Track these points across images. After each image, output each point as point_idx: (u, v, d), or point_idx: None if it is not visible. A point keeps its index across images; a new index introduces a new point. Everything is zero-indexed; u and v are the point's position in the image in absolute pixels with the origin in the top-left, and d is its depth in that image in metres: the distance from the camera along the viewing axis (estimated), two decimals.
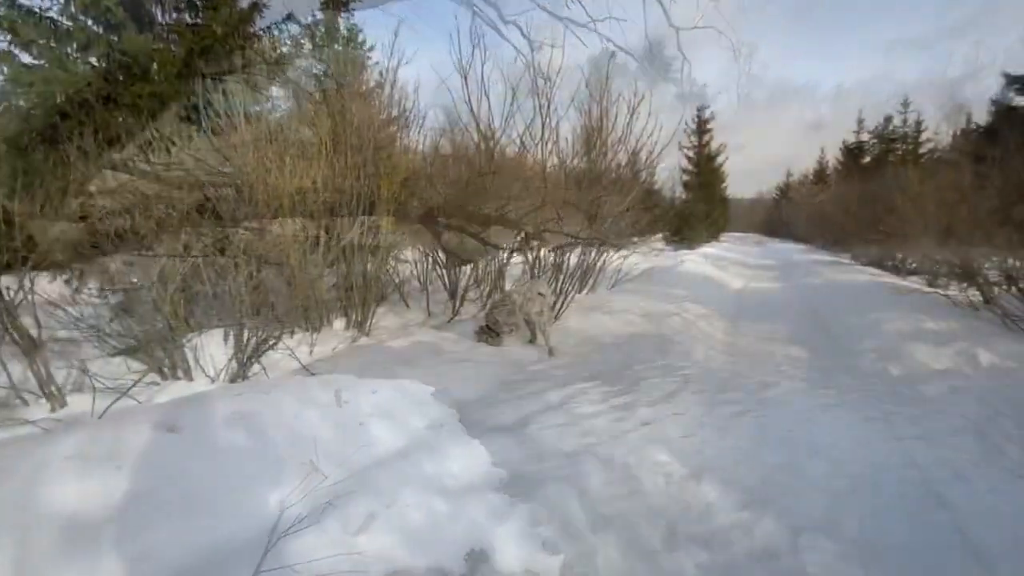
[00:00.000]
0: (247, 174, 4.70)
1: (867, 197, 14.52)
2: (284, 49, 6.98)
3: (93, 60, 6.12)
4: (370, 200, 5.36)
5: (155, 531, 1.67)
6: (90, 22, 6.20)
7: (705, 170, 24.01)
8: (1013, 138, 6.94)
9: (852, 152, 32.32)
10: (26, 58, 5.92)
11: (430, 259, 7.11)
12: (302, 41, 7.48)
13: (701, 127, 24.51)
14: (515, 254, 7.15)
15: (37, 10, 5.81)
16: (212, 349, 4.28)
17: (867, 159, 30.69)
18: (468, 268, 7.30)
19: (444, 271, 7.12)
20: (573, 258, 6.59)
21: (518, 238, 7.08)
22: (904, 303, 6.70)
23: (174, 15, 6.58)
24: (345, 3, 9.02)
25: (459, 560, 1.81)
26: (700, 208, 22.53)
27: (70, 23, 6.03)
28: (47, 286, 4.25)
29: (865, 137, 31.54)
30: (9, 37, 5.63)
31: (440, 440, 2.58)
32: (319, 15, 8.88)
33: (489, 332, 5.01)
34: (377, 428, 2.51)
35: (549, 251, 6.66)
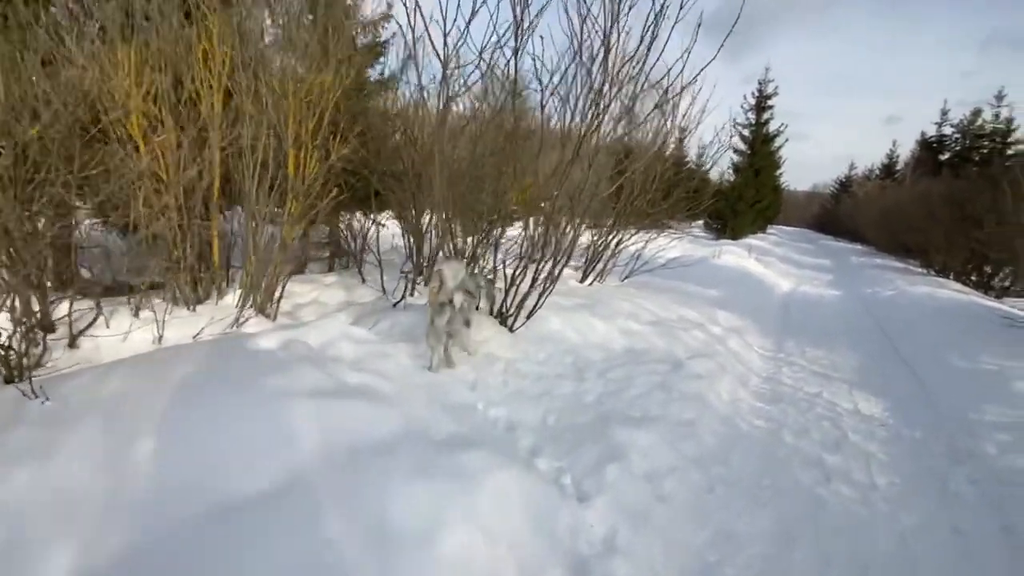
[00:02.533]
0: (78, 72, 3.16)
1: (955, 198, 12.01)
2: None
3: None
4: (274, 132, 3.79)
5: None
6: None
7: (760, 152, 21.27)
8: None
9: (931, 146, 28.71)
10: None
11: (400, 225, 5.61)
12: None
13: (760, 103, 21.61)
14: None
15: None
16: None
17: (947, 155, 27.17)
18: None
19: (411, 241, 5.57)
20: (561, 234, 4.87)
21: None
22: (1023, 340, 4.75)
23: None
24: None
25: None
26: (749, 194, 20.02)
27: None
28: None
29: (948, 131, 27.85)
30: None
31: None
32: None
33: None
34: None
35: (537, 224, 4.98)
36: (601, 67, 3.15)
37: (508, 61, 3.24)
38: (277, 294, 4.27)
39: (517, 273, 4.07)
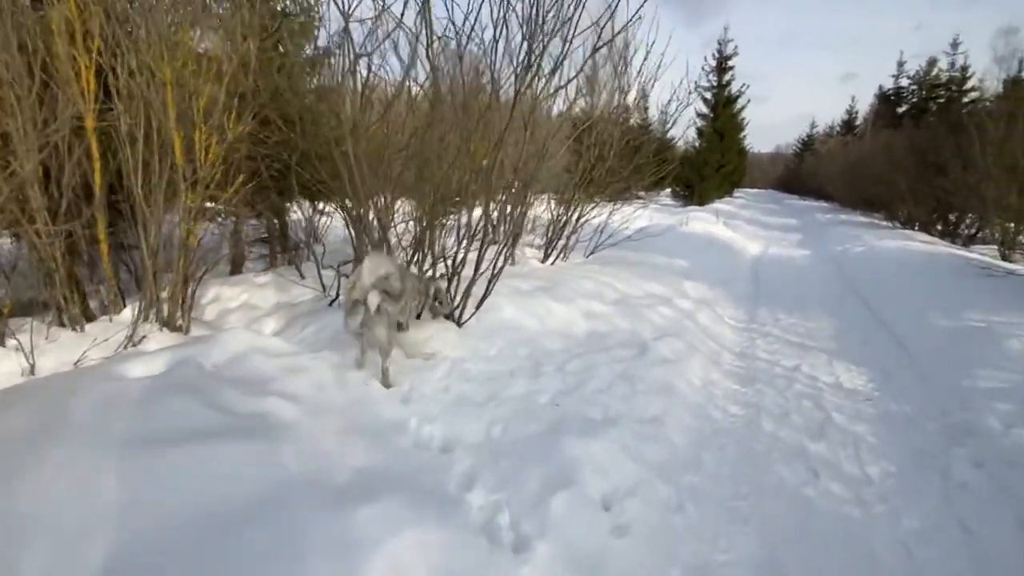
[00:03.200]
0: None
1: (918, 147, 11.92)
2: None
3: None
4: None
5: None
6: None
7: (722, 115, 20.98)
8: None
9: (889, 99, 28.92)
10: None
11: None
12: None
13: (721, 64, 21.24)
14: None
15: None
16: None
17: (905, 107, 27.39)
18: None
19: (351, 225, 5.01)
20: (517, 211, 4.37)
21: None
22: (1006, 291, 4.52)
23: None
24: None
25: None
26: (714, 158, 19.79)
27: None
28: None
29: (905, 83, 28.03)
30: None
31: None
32: None
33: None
34: None
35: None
36: (532, 7, 2.64)
37: (420, 9, 2.69)
38: (188, 302, 3.71)
39: (459, 260, 3.60)
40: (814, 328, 4.41)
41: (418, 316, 3.58)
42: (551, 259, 6.23)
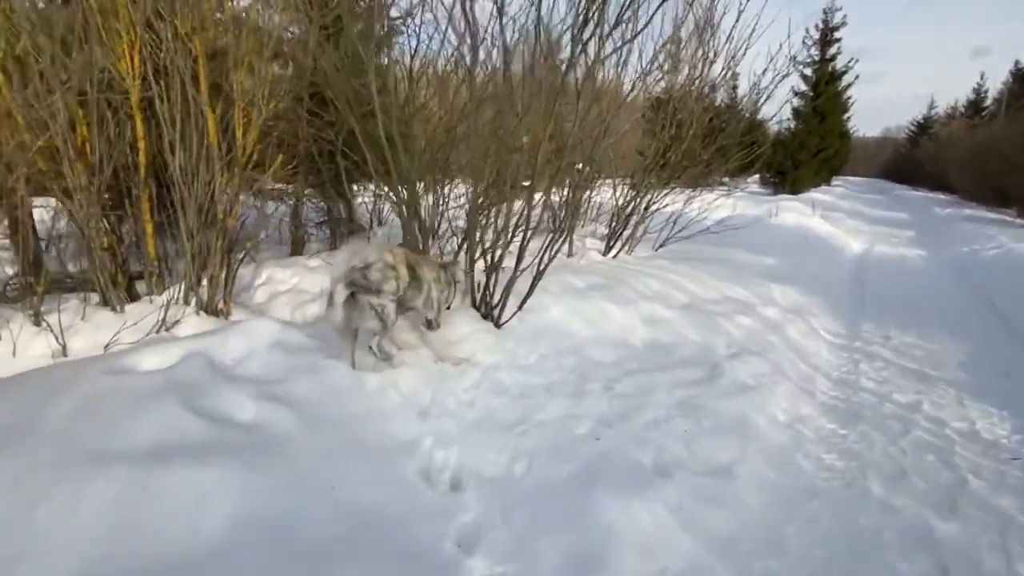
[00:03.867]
0: None
1: None
2: None
3: None
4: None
5: None
6: None
7: (825, 93, 18.78)
8: None
9: None
10: None
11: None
12: None
13: (826, 37, 18.97)
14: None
15: None
16: None
17: None
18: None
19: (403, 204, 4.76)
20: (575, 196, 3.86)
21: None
22: None
23: None
24: None
25: None
26: (812, 141, 17.81)
27: None
28: None
29: None
30: None
31: None
32: None
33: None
34: None
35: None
36: None
37: None
38: (229, 285, 3.59)
39: (497, 252, 3.18)
40: (937, 351, 3.58)
41: (448, 307, 3.24)
42: (613, 251, 5.65)
